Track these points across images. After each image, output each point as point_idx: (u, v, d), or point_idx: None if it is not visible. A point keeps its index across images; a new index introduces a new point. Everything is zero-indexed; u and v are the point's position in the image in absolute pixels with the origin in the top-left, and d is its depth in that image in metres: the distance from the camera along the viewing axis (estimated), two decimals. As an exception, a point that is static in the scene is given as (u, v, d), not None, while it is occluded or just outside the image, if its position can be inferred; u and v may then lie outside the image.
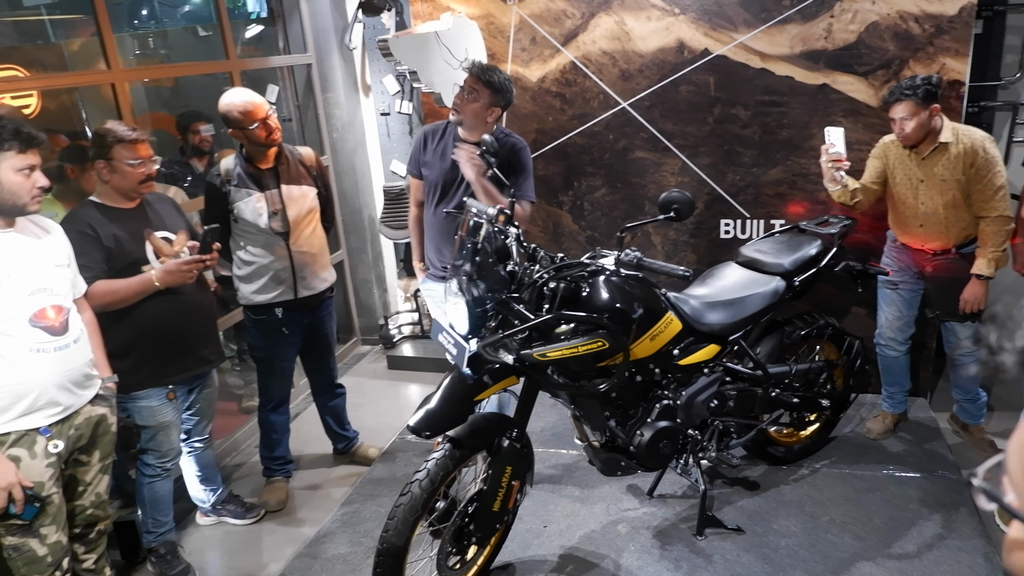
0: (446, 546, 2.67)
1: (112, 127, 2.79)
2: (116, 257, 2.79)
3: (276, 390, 3.64)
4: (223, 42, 4.07)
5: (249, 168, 3.31)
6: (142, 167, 2.82)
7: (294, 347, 3.60)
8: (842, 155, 3.30)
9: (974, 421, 3.74)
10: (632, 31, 3.95)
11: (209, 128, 4.14)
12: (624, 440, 2.85)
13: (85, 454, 2.52)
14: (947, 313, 3.46)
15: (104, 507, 2.63)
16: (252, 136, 3.21)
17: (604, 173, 4.23)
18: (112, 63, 3.35)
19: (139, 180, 2.83)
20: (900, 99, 3.16)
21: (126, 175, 2.80)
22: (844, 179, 3.37)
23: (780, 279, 3.21)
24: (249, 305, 3.46)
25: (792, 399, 3.32)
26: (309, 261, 3.45)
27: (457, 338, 2.54)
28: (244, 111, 3.17)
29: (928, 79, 3.14)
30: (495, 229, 2.56)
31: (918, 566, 2.91)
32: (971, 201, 3.27)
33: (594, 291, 2.59)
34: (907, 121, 3.18)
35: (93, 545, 2.63)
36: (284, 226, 3.35)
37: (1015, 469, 0.68)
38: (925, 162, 3.28)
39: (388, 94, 4.98)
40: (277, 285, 3.41)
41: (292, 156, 3.43)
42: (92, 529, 2.61)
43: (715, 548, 3.08)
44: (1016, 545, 0.66)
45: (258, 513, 3.58)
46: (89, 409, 2.49)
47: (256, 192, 3.30)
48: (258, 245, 3.36)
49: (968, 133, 3.23)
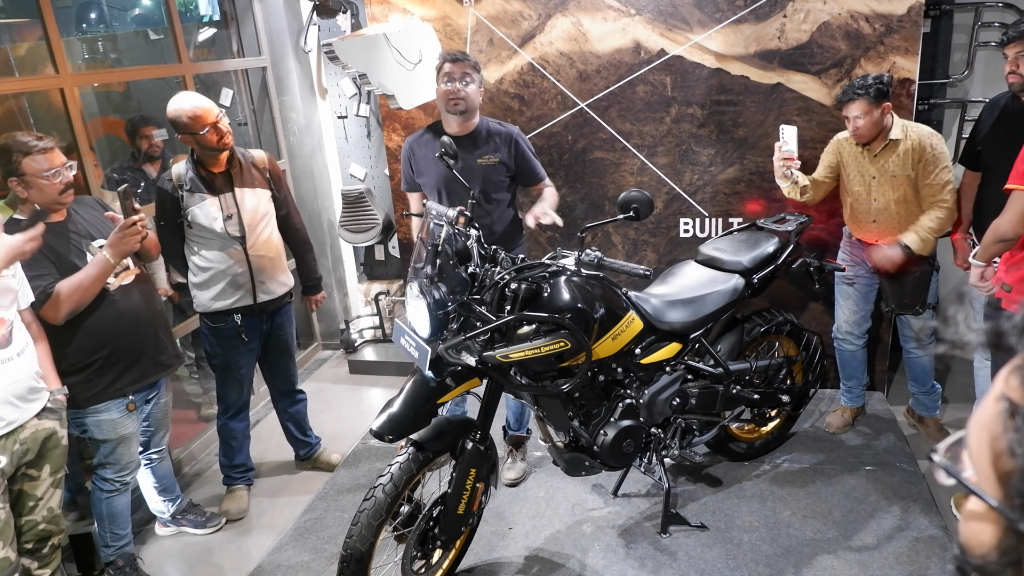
0: (411, 550, 2.65)
1: (15, 139, 2.59)
2: (63, 273, 2.70)
3: (235, 397, 3.58)
4: (175, 45, 4.00)
5: (201, 172, 3.24)
6: (58, 177, 2.66)
7: (252, 353, 3.55)
8: (793, 153, 3.35)
9: (929, 413, 3.82)
10: (588, 32, 3.97)
11: (161, 133, 4.06)
12: (588, 440, 2.85)
13: (35, 468, 2.45)
14: (901, 307, 3.53)
15: (58, 521, 2.56)
16: (202, 141, 3.14)
17: (563, 174, 4.24)
18: (60, 67, 3.26)
19: (59, 191, 2.67)
20: (853, 98, 3.22)
21: (43, 189, 2.64)
22: (795, 175, 3.42)
23: (739, 277, 3.24)
24: (206, 312, 3.40)
25: (753, 395, 3.36)
26: (267, 265, 3.40)
27: (419, 341, 2.52)
28: (193, 116, 3.10)
29: (880, 78, 3.20)
30: (455, 231, 2.55)
31: (877, 557, 2.96)
32: (921, 196, 3.34)
33: (555, 292, 2.59)
34: (860, 119, 3.24)
35: (47, 560, 2.57)
36: (240, 230, 3.29)
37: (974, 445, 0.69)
38: (877, 159, 3.34)
39: (345, 97, 4.94)
40: (235, 290, 3.35)
41: (245, 159, 3.37)
42: (45, 544, 2.55)
43: (679, 545, 3.10)
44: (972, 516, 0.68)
45: (218, 522, 3.52)
46: (36, 423, 2.43)
47: (209, 196, 3.24)
48: (214, 250, 3.30)
49: (916, 129, 3.31)
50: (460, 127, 3.25)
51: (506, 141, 3.32)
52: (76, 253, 2.77)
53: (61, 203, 2.73)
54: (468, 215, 2.62)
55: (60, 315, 2.66)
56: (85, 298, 2.71)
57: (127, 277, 2.92)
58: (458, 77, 3.14)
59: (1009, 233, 2.61)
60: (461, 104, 3.16)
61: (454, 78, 3.14)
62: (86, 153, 3.36)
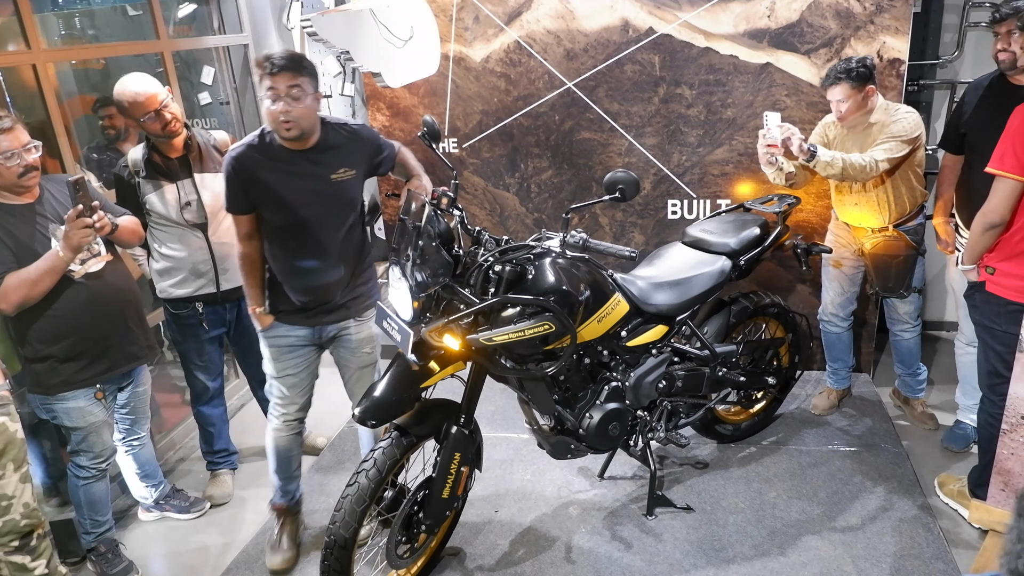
0: (395, 535, 2.63)
1: None
2: (22, 259, 2.59)
3: (202, 385, 3.52)
4: (152, 21, 3.91)
5: (156, 158, 3.13)
6: (15, 159, 2.52)
7: (216, 341, 3.48)
8: (777, 140, 3.28)
9: (915, 395, 3.83)
10: (576, 10, 3.91)
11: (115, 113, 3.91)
12: (573, 423, 2.84)
13: None
14: (886, 290, 3.52)
15: (37, 514, 2.49)
16: (146, 127, 3.02)
17: (550, 155, 4.19)
18: (33, 42, 3.17)
19: (17, 174, 2.54)
20: (835, 82, 3.18)
21: (0, 173, 2.53)
22: (780, 162, 3.37)
23: (726, 259, 3.22)
24: (168, 299, 3.31)
25: (739, 378, 3.35)
26: (231, 252, 3.16)
27: (401, 324, 2.48)
28: (133, 101, 2.95)
29: (863, 61, 3.16)
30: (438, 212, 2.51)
31: (862, 537, 2.96)
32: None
33: (540, 274, 2.55)
34: (843, 103, 3.21)
35: (38, 551, 2.51)
36: (200, 217, 3.18)
37: None
38: (857, 140, 3.31)
39: (329, 75, 4.86)
40: (197, 278, 3.27)
41: (204, 143, 3.24)
42: (31, 536, 2.48)
43: (665, 527, 3.10)
44: None
45: (202, 507, 3.49)
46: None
47: (166, 183, 3.13)
48: (173, 239, 3.20)
49: (896, 108, 3.27)
50: (300, 143, 2.68)
51: (360, 143, 2.82)
52: (40, 239, 2.65)
53: (22, 186, 2.60)
54: (451, 196, 2.58)
55: (10, 306, 2.56)
56: (34, 291, 2.58)
57: (95, 264, 2.77)
58: (284, 92, 2.51)
59: (997, 219, 2.59)
60: (294, 130, 2.58)
61: (280, 94, 2.52)
62: (60, 133, 3.27)
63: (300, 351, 2.95)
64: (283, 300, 2.87)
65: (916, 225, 3.45)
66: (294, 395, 3.00)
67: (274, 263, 2.84)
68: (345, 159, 2.75)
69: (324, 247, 2.78)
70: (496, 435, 3.82)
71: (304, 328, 2.91)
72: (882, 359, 4.42)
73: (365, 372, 3.07)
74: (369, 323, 3.02)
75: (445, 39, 4.13)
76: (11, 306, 2.57)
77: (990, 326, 2.75)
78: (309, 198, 2.71)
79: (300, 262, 2.79)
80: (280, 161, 2.68)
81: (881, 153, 3.16)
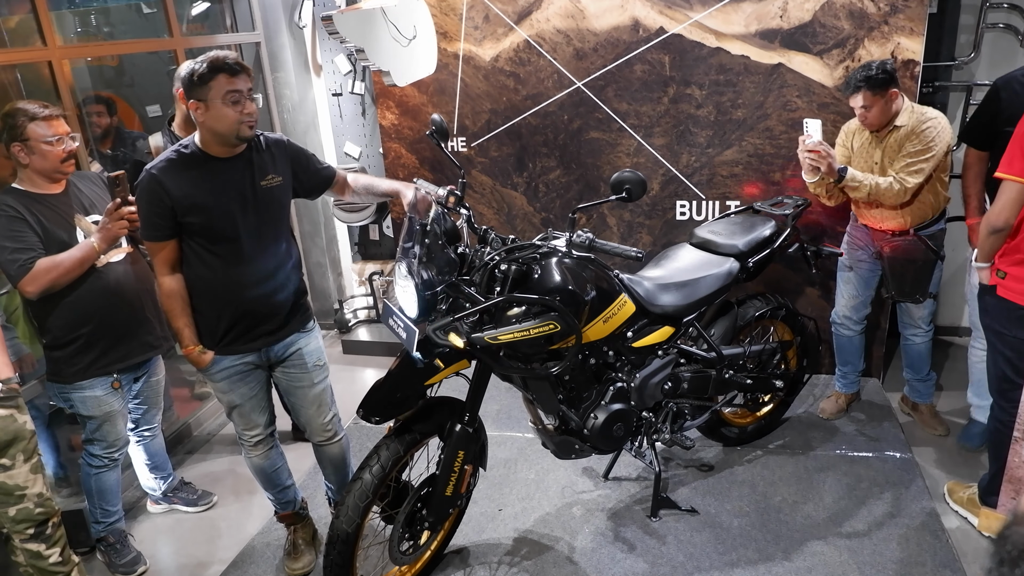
0: (398, 531, 2.64)
1: (22, 106, 2.65)
2: (48, 246, 2.68)
3: None
4: (166, 19, 3.94)
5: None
6: (61, 144, 2.70)
7: None
8: (819, 147, 3.24)
9: (924, 400, 3.79)
10: (586, 9, 3.90)
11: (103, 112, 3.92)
12: (578, 423, 2.83)
13: (5, 458, 2.40)
14: (902, 294, 3.47)
15: (49, 503, 2.52)
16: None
17: (558, 154, 4.19)
18: (49, 40, 3.22)
19: (60, 159, 2.71)
20: (857, 89, 3.14)
21: (45, 155, 2.68)
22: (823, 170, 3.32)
23: (734, 260, 3.20)
24: None
25: (746, 380, 3.33)
26: None
27: (406, 321, 2.49)
28: None
29: (883, 65, 3.10)
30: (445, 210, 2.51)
31: (868, 544, 2.94)
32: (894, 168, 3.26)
33: (545, 273, 2.55)
34: (867, 110, 3.17)
35: (52, 539, 2.54)
36: None
37: None
38: (883, 144, 3.28)
39: (340, 74, 4.88)
40: None
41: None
42: (46, 525, 2.52)
43: (669, 529, 3.09)
44: None
45: (210, 500, 3.52)
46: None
47: None
48: None
49: (922, 112, 3.23)
50: (230, 149, 2.56)
51: (279, 149, 2.72)
52: (66, 228, 2.75)
53: (62, 172, 2.75)
54: (459, 194, 2.58)
55: (36, 290, 2.64)
56: (62, 279, 2.68)
57: (116, 255, 2.89)
58: (246, 93, 2.47)
59: (999, 223, 2.56)
60: (255, 127, 2.54)
61: (243, 95, 2.45)
62: (75, 128, 3.30)
63: (251, 375, 2.76)
64: (218, 331, 2.66)
65: (937, 230, 3.41)
66: (256, 417, 2.84)
67: (203, 289, 2.62)
68: (271, 165, 2.64)
69: (262, 259, 2.65)
70: (501, 434, 3.82)
71: (250, 354, 2.72)
72: (892, 363, 4.38)
73: (323, 394, 2.90)
74: (315, 332, 2.92)
75: (455, 38, 4.13)
76: (38, 290, 2.64)
77: (1000, 330, 2.72)
78: (242, 205, 2.56)
79: (239, 278, 2.61)
80: (207, 170, 2.52)
81: (912, 179, 3.16)
